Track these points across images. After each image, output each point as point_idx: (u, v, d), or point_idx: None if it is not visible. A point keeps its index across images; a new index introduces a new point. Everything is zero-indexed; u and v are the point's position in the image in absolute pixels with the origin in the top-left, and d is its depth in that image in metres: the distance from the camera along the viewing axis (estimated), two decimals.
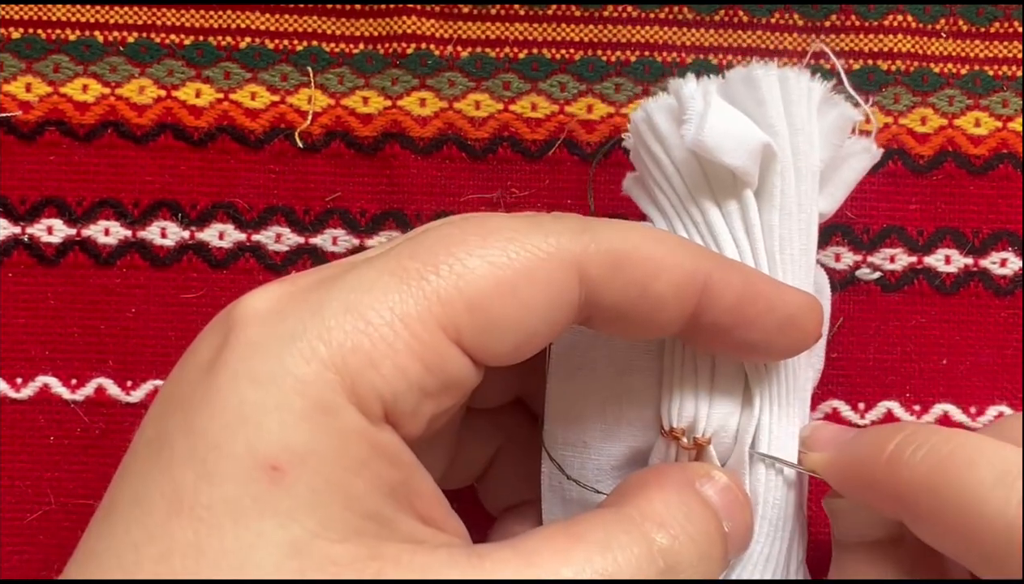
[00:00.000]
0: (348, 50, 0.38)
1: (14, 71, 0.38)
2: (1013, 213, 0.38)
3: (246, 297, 0.26)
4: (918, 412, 0.38)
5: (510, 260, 0.26)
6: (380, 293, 0.25)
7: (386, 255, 0.26)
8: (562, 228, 0.26)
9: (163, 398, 0.26)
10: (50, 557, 0.38)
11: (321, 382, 0.24)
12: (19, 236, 0.38)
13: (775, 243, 0.31)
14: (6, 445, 0.38)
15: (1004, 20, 0.39)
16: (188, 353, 0.26)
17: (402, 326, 0.25)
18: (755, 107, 0.31)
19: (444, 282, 0.25)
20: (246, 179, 0.38)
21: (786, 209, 0.31)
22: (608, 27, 0.39)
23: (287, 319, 0.25)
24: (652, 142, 0.31)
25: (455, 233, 0.26)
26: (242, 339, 0.25)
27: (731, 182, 0.31)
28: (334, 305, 0.25)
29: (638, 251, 0.27)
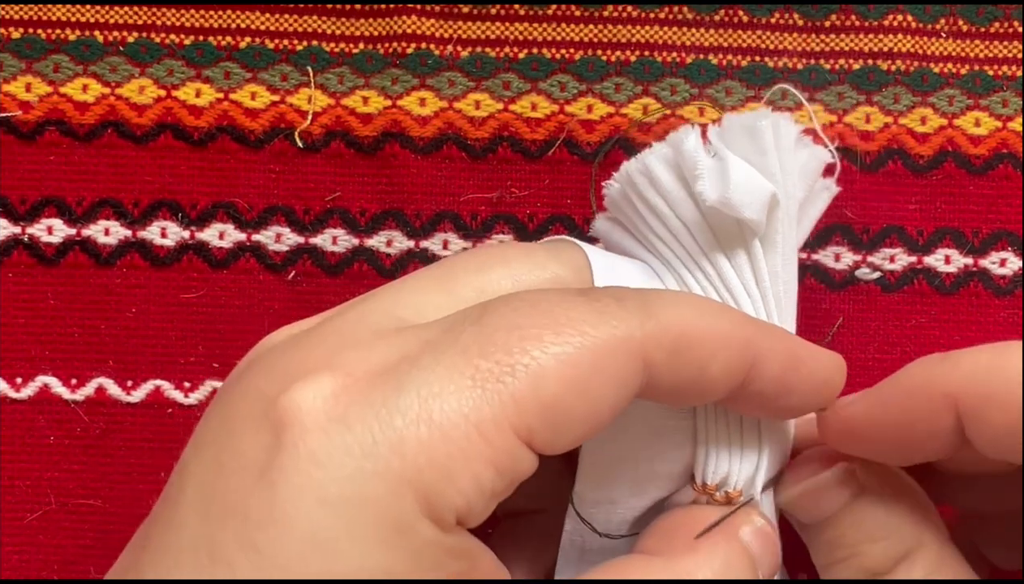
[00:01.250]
0: (348, 50, 0.38)
1: (14, 71, 0.38)
2: (1013, 213, 0.38)
3: (294, 391, 0.24)
4: None
5: (581, 356, 0.25)
6: (454, 399, 0.24)
7: (453, 349, 0.24)
8: (626, 314, 0.26)
9: (202, 490, 0.24)
10: (50, 557, 0.38)
11: (396, 501, 0.23)
12: (19, 236, 0.38)
13: (779, 288, 0.31)
14: (6, 445, 0.38)
15: (1004, 20, 0.39)
16: (224, 441, 0.25)
17: (478, 434, 0.24)
18: (757, 156, 0.30)
19: (519, 384, 0.24)
20: (246, 179, 0.38)
21: (785, 254, 0.31)
22: (608, 27, 0.39)
23: (353, 427, 0.23)
24: (653, 196, 0.31)
25: (525, 324, 0.25)
26: (303, 450, 0.23)
27: (737, 232, 0.31)
28: (405, 412, 0.24)
29: (696, 331, 0.26)
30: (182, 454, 0.26)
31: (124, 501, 0.38)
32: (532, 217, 0.38)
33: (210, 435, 0.25)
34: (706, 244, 0.31)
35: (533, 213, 0.38)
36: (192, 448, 0.26)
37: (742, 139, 0.31)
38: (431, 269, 0.29)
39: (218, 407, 0.26)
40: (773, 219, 0.31)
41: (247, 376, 0.26)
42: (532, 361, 0.24)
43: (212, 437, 0.25)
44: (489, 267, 0.29)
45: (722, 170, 0.30)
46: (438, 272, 0.29)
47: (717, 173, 0.30)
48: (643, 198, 0.31)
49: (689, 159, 0.30)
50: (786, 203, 0.31)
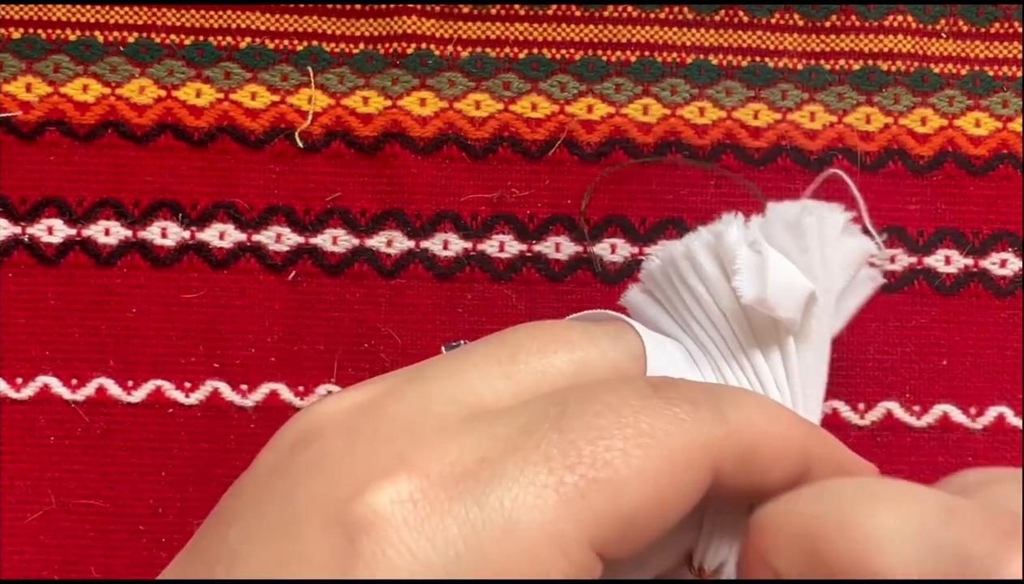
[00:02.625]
0: (348, 50, 0.38)
1: (14, 71, 0.38)
2: (1013, 214, 0.38)
3: (368, 494, 0.23)
4: (918, 412, 0.38)
5: (662, 470, 0.24)
6: (538, 514, 0.23)
7: (535, 456, 0.24)
8: (701, 421, 0.25)
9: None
10: (50, 557, 0.38)
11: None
12: (19, 236, 0.38)
13: (810, 382, 0.31)
14: (6, 445, 0.38)
15: (1004, 20, 0.39)
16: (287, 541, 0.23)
17: (560, 553, 0.23)
18: (798, 254, 0.30)
19: (603, 502, 0.23)
20: (246, 179, 0.38)
21: (819, 349, 0.31)
22: (608, 27, 0.39)
23: (434, 540, 0.23)
24: (695, 282, 0.31)
25: (607, 433, 0.24)
26: (381, 561, 0.22)
27: (772, 327, 0.31)
28: (489, 527, 0.23)
29: (765, 440, 0.26)
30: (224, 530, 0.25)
31: (124, 501, 0.38)
32: (532, 217, 0.38)
33: (267, 529, 0.24)
34: (743, 336, 0.31)
35: (533, 213, 0.38)
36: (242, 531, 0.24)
37: (784, 234, 0.31)
38: (489, 347, 0.28)
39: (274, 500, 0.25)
40: (810, 316, 0.31)
41: (306, 467, 0.25)
42: (616, 475, 0.24)
43: (269, 532, 0.24)
44: (552, 351, 0.28)
45: (760, 268, 0.30)
46: (498, 352, 0.28)
47: (756, 270, 0.30)
48: (685, 283, 0.31)
49: (729, 252, 0.30)
50: (823, 297, 0.31)
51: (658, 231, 0.38)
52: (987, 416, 0.38)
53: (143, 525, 0.38)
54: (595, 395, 0.25)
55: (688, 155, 0.38)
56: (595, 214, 0.38)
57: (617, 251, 0.38)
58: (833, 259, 0.31)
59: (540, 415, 0.25)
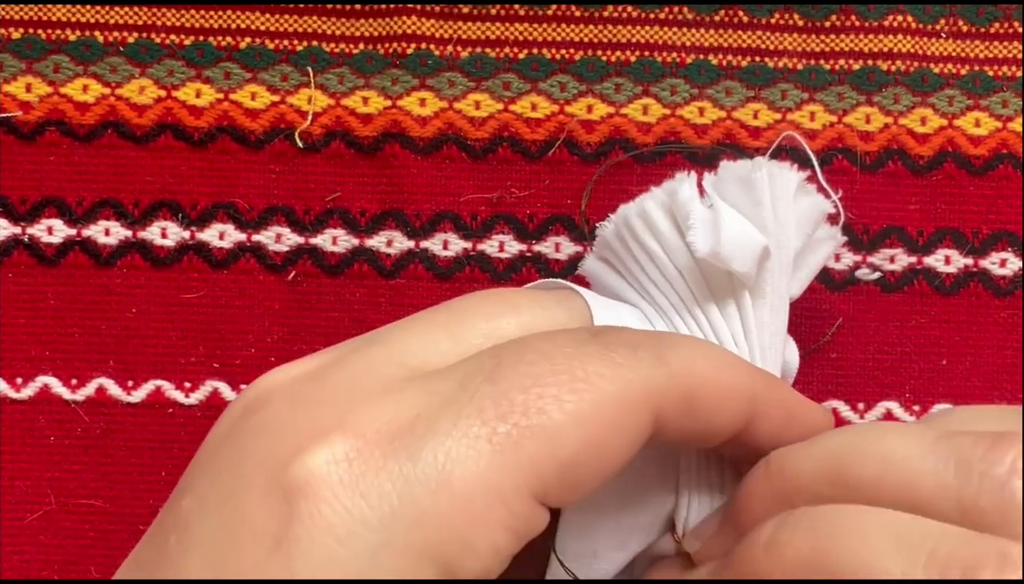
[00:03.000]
0: (348, 50, 0.38)
1: (14, 71, 0.38)
2: (1013, 213, 0.38)
3: (305, 456, 0.24)
4: (918, 412, 0.38)
5: (598, 413, 0.24)
6: (473, 465, 0.23)
7: (469, 409, 0.24)
8: (640, 364, 0.25)
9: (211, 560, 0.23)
10: (50, 557, 0.38)
11: (416, 573, 0.23)
12: (19, 236, 0.38)
13: (766, 338, 0.31)
14: (6, 445, 0.38)
15: (1004, 20, 0.39)
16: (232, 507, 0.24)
17: (498, 502, 0.23)
18: (750, 207, 0.31)
19: (538, 448, 0.24)
20: (246, 179, 0.38)
21: (774, 305, 0.31)
22: (608, 27, 0.39)
23: (369, 497, 0.23)
24: (649, 240, 0.31)
25: (541, 381, 0.24)
26: (319, 521, 0.23)
27: (728, 282, 0.31)
28: (424, 481, 0.23)
29: (708, 383, 0.26)
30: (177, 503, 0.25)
31: (124, 501, 0.38)
32: (532, 217, 0.38)
33: (213, 496, 0.24)
34: (698, 292, 0.31)
35: (533, 213, 0.38)
36: (192, 502, 0.25)
37: (736, 189, 0.31)
38: (438, 313, 0.28)
39: (218, 466, 0.25)
40: (764, 271, 0.31)
41: (251, 433, 0.25)
42: (550, 422, 0.24)
43: (217, 501, 0.24)
44: (499, 314, 0.28)
45: (714, 222, 0.30)
46: (445, 317, 0.28)
47: (709, 224, 0.30)
48: (640, 242, 0.31)
49: (683, 208, 0.30)
50: (778, 254, 0.31)
51: None
52: None
53: (143, 525, 0.37)
54: (530, 345, 0.26)
55: (688, 155, 0.38)
56: (595, 214, 0.38)
57: None
58: (788, 217, 0.32)
59: (476, 368, 0.25)
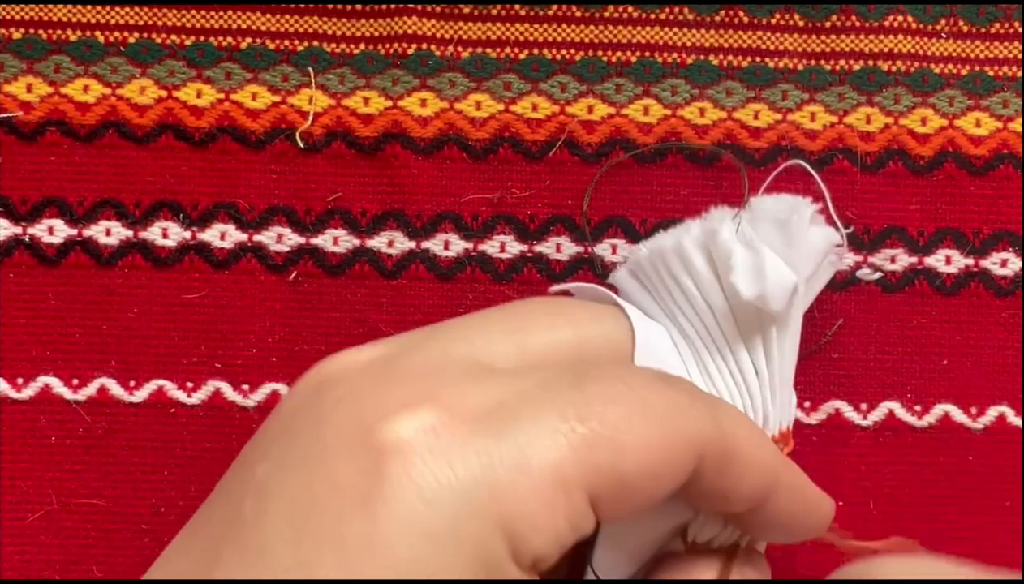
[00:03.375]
0: (349, 50, 0.38)
1: (15, 71, 0.38)
2: (1013, 213, 0.38)
3: (394, 421, 0.25)
4: (919, 412, 0.38)
5: (661, 445, 0.26)
6: (550, 455, 0.25)
7: (551, 406, 0.26)
8: (698, 413, 0.27)
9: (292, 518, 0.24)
10: (51, 557, 0.38)
11: (490, 541, 0.24)
12: (20, 236, 0.38)
13: (786, 365, 0.33)
14: (7, 445, 0.38)
15: (1004, 20, 0.39)
16: (314, 466, 0.25)
17: (563, 491, 0.25)
18: (783, 247, 0.32)
19: (606, 457, 0.25)
20: (247, 179, 0.38)
21: (794, 335, 0.33)
22: (609, 28, 0.39)
23: (455, 466, 0.24)
24: (684, 277, 0.32)
25: (619, 401, 0.26)
26: (407, 482, 0.24)
27: (756, 317, 0.32)
28: (505, 459, 0.25)
29: (744, 449, 0.28)
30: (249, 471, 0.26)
31: (126, 501, 0.38)
32: (533, 218, 0.38)
33: (295, 459, 0.25)
34: (727, 328, 0.32)
35: (534, 214, 0.38)
36: (270, 468, 0.25)
37: (771, 228, 0.32)
38: (499, 317, 0.30)
39: (300, 433, 0.26)
40: (791, 307, 0.32)
41: (330, 405, 0.26)
42: (620, 436, 0.26)
43: (298, 463, 0.25)
44: (559, 326, 0.30)
45: (756, 265, 0.31)
46: (508, 323, 0.30)
47: (752, 268, 0.31)
48: (674, 276, 0.33)
49: (723, 250, 0.32)
50: (801, 290, 0.32)
51: (658, 231, 0.38)
52: (988, 416, 0.38)
53: (145, 525, 0.38)
54: (609, 369, 0.28)
55: (689, 156, 0.38)
56: (596, 214, 0.38)
57: (618, 251, 0.38)
58: (804, 249, 0.33)
59: (556, 376, 0.27)
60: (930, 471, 0.38)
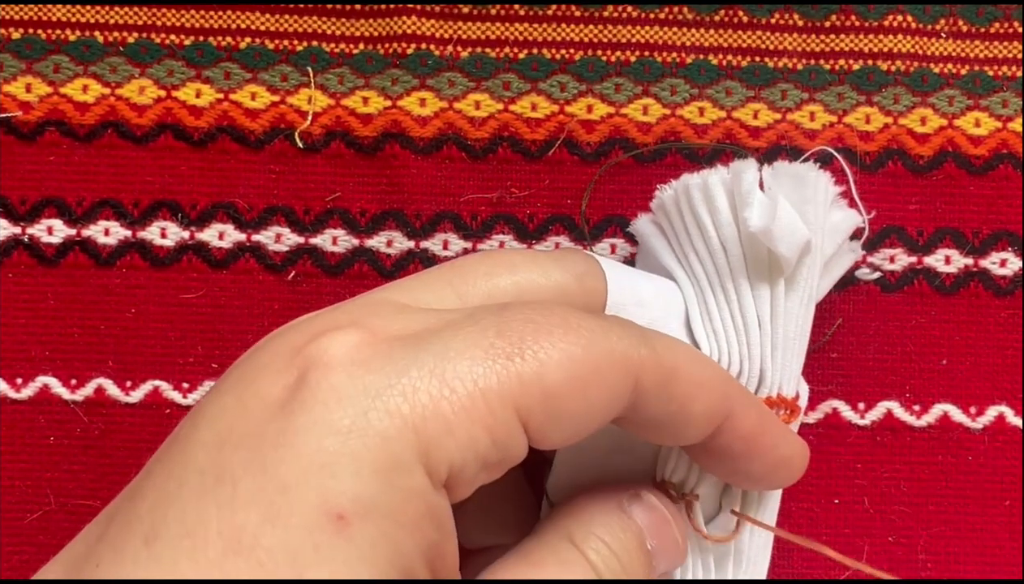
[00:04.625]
0: (348, 50, 0.38)
1: (14, 71, 0.38)
2: (1013, 213, 0.38)
3: (321, 339, 0.26)
4: (918, 412, 0.38)
5: (586, 357, 0.26)
6: (466, 364, 0.25)
7: (472, 328, 0.26)
8: (628, 334, 0.28)
9: (218, 427, 0.25)
10: (50, 557, 0.37)
11: (400, 440, 0.25)
12: (19, 236, 0.38)
13: (792, 328, 0.33)
14: (6, 445, 0.38)
15: (1004, 20, 0.39)
16: (245, 383, 0.26)
17: (482, 400, 0.25)
18: (800, 204, 0.33)
19: (527, 366, 0.26)
20: (246, 179, 0.38)
21: (804, 299, 0.33)
22: (608, 27, 0.39)
23: (372, 372, 0.25)
24: (704, 212, 0.33)
25: (540, 321, 0.27)
26: (324, 385, 0.25)
27: (766, 267, 0.33)
28: (421, 367, 0.25)
29: (685, 370, 0.28)
30: (195, 406, 0.27)
31: None
32: (532, 217, 0.38)
33: (229, 384, 0.26)
34: (737, 269, 0.33)
35: (533, 213, 0.38)
36: (209, 396, 0.27)
37: (789, 185, 0.33)
38: (443, 270, 0.31)
39: (237, 365, 0.27)
40: (801, 264, 0.33)
41: (272, 334, 0.28)
42: (541, 350, 0.26)
43: (231, 385, 0.26)
44: (497, 273, 0.31)
45: (772, 205, 0.32)
46: (448, 273, 0.31)
47: (767, 207, 0.32)
48: (693, 210, 0.34)
49: (746, 188, 0.33)
50: (815, 252, 0.33)
51: None
52: (987, 416, 0.38)
53: None
54: (535, 303, 0.28)
55: (688, 156, 0.38)
56: (595, 214, 0.38)
57: (617, 251, 0.38)
58: (824, 225, 0.34)
59: (482, 308, 0.28)
60: (929, 471, 0.38)
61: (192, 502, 0.24)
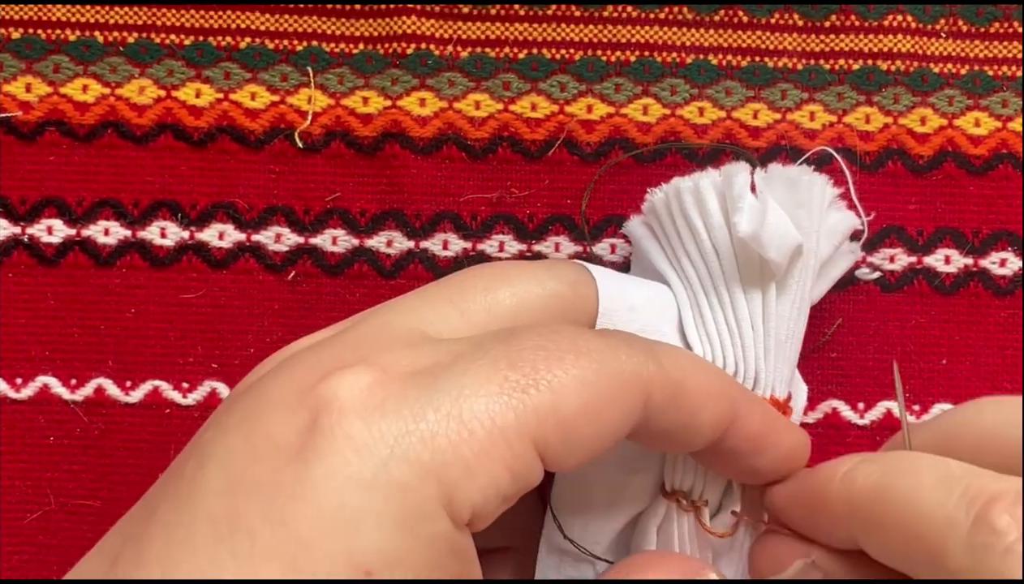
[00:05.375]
0: (348, 50, 0.38)
1: (14, 71, 0.38)
2: (1013, 213, 0.38)
3: (331, 380, 0.25)
4: (918, 412, 0.38)
5: (599, 382, 0.26)
6: (482, 402, 0.25)
7: (484, 361, 0.26)
8: (636, 352, 0.28)
9: (228, 473, 0.25)
10: (49, 557, 0.38)
11: (422, 490, 0.24)
12: (19, 236, 0.38)
13: (784, 331, 0.33)
14: (6, 445, 0.38)
15: (1004, 20, 0.39)
16: (253, 424, 0.25)
17: (501, 438, 0.25)
18: (793, 207, 0.33)
19: (543, 398, 0.26)
20: (246, 179, 0.38)
21: (796, 302, 0.33)
22: (608, 27, 0.39)
23: (388, 416, 0.25)
24: (695, 215, 0.33)
25: (551, 348, 0.26)
26: (339, 432, 0.24)
27: (758, 270, 0.33)
28: (438, 409, 0.25)
29: (692, 381, 0.28)
30: (198, 438, 0.27)
31: (123, 501, 0.38)
32: (532, 217, 0.38)
33: (236, 421, 0.26)
34: (728, 272, 0.33)
35: (533, 213, 0.38)
36: (215, 432, 0.26)
37: (783, 188, 0.33)
38: (440, 287, 0.31)
39: (243, 399, 0.27)
40: (793, 267, 0.33)
41: (278, 369, 0.27)
42: (555, 379, 0.26)
43: (238, 422, 0.26)
44: (495, 287, 0.31)
45: (761, 210, 0.32)
46: (448, 291, 0.30)
47: (756, 211, 0.32)
48: (685, 214, 0.33)
49: (737, 191, 0.32)
50: (808, 255, 0.33)
51: None
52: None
53: None
54: (541, 325, 0.28)
55: (688, 156, 0.38)
56: (595, 214, 0.38)
57: (617, 251, 0.38)
58: (821, 226, 0.34)
59: (491, 336, 0.27)
60: None
61: (206, 553, 0.24)
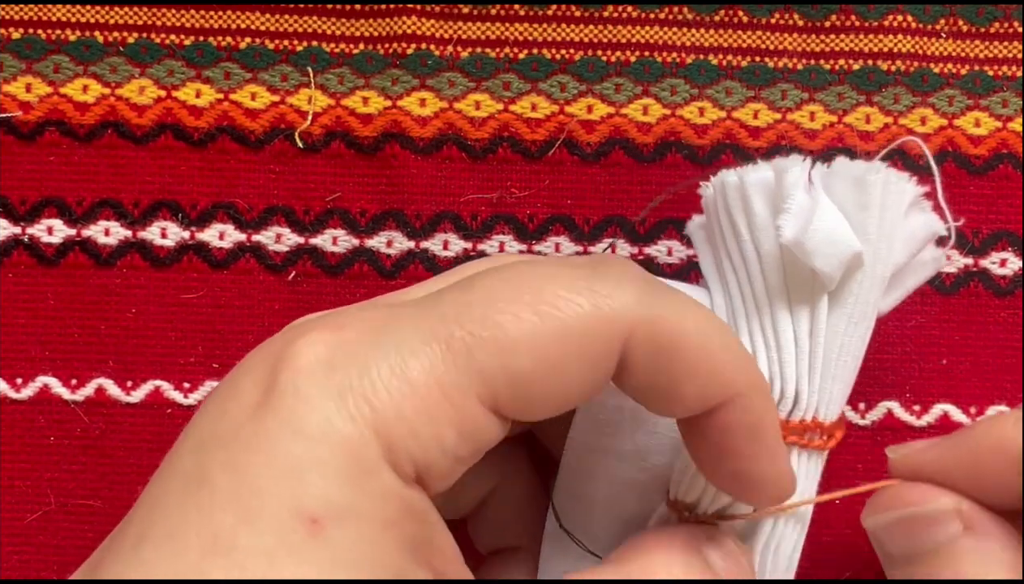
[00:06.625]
0: (348, 50, 0.38)
1: (14, 71, 0.38)
2: (1013, 213, 0.38)
3: (298, 340, 0.26)
4: (918, 412, 0.38)
5: (557, 334, 0.25)
6: (426, 360, 0.25)
7: (434, 313, 0.26)
8: (622, 295, 0.26)
9: (202, 431, 0.26)
10: (50, 558, 0.38)
11: (364, 443, 0.25)
12: (19, 236, 0.38)
13: (835, 348, 0.30)
14: (6, 445, 0.38)
15: (1004, 20, 0.39)
16: (229, 387, 0.26)
17: (443, 397, 0.25)
18: (855, 210, 0.29)
19: (488, 359, 0.25)
20: (246, 179, 0.38)
21: (854, 316, 0.30)
22: (608, 27, 0.39)
23: (336, 372, 0.25)
24: (739, 216, 0.30)
25: (507, 297, 0.26)
26: (290, 388, 0.25)
27: (809, 281, 0.30)
28: (381, 366, 0.25)
29: (689, 342, 0.26)
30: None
31: (123, 502, 0.38)
32: (532, 217, 0.38)
33: (216, 391, 0.27)
34: (773, 283, 0.30)
35: (533, 213, 0.38)
36: (202, 407, 0.27)
37: (846, 188, 0.30)
38: (435, 279, 0.31)
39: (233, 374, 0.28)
40: (850, 279, 0.30)
41: (258, 350, 0.28)
42: (503, 336, 0.25)
43: (217, 392, 0.27)
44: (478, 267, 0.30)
45: (809, 212, 0.29)
46: (441, 280, 0.30)
47: (804, 213, 0.29)
48: (729, 214, 0.31)
49: (785, 190, 0.29)
50: (873, 265, 0.30)
51: (658, 231, 0.38)
52: (987, 415, 0.38)
53: None
54: (515, 266, 0.27)
55: (688, 156, 0.38)
56: (595, 214, 0.38)
57: (617, 251, 0.38)
58: (895, 230, 0.30)
59: (453, 287, 0.27)
60: None
61: (175, 505, 0.25)
